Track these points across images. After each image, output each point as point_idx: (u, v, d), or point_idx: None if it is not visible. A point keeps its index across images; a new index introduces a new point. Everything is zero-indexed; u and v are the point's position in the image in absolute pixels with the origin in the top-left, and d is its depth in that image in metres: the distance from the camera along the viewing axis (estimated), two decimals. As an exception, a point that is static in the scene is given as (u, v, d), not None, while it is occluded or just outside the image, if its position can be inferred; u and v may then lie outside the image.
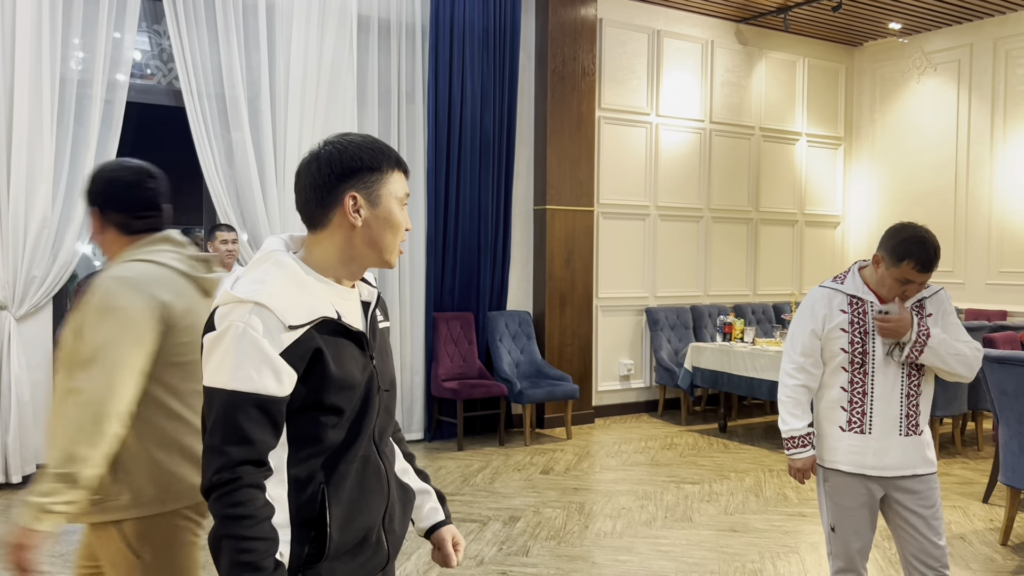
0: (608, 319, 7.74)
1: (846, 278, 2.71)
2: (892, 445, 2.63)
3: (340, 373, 1.45)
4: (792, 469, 2.76)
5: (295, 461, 1.44)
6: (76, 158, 5.32)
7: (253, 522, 1.34)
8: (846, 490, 2.69)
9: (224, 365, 1.37)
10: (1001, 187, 8.05)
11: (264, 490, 1.38)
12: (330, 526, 1.44)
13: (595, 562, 4.07)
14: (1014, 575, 3.93)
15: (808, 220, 9.09)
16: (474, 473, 5.70)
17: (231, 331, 1.38)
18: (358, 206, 1.49)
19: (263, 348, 1.37)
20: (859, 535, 2.71)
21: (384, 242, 1.52)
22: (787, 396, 2.75)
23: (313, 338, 1.42)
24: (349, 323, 1.49)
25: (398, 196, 1.53)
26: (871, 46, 9.14)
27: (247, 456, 1.37)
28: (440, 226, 6.64)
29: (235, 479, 1.36)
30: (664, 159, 8.01)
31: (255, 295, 1.39)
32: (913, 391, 2.65)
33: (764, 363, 6.51)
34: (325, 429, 1.45)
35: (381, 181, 1.50)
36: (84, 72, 5.36)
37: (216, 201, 5.76)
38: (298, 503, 1.43)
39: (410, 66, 6.58)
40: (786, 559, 4.12)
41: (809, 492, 5.32)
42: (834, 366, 2.68)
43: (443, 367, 6.60)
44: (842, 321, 2.65)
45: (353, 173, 1.48)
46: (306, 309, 1.42)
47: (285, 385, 1.39)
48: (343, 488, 1.47)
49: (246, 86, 5.82)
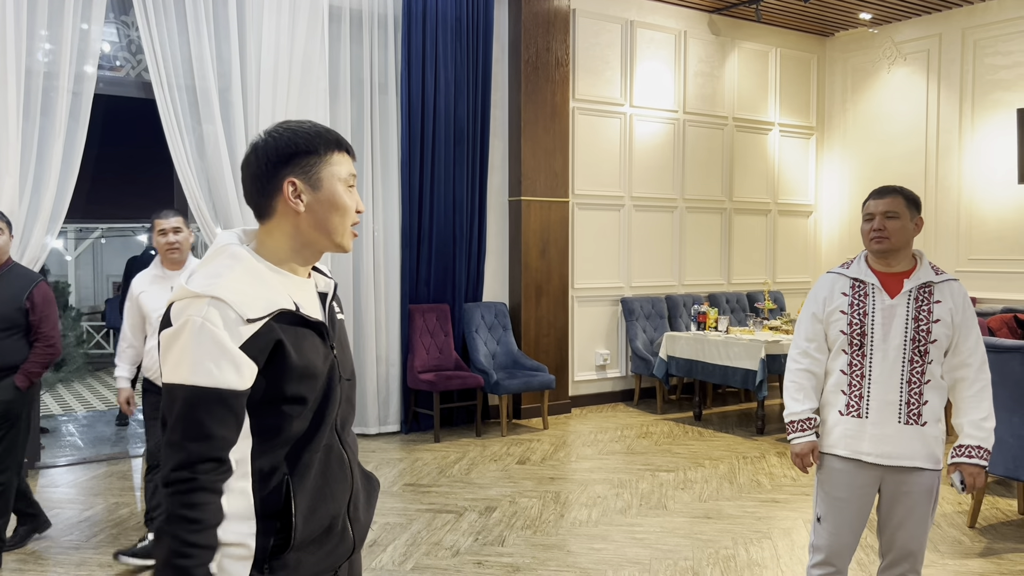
0: (584, 309, 7.76)
1: (852, 263, 2.74)
2: (890, 432, 2.58)
3: (302, 363, 1.45)
4: (792, 455, 2.72)
5: (259, 453, 1.44)
6: (43, 151, 5.25)
7: (199, 527, 1.35)
8: (839, 478, 2.66)
9: (183, 361, 1.37)
10: (969, 175, 8.16)
11: (219, 494, 1.38)
12: (295, 516, 1.44)
13: (570, 550, 4.10)
14: (981, 557, 4.01)
15: (781, 209, 9.17)
16: (451, 464, 5.71)
17: (189, 326, 1.37)
18: (298, 191, 1.49)
19: (222, 342, 1.36)
20: (845, 530, 2.67)
21: (331, 225, 1.51)
22: (790, 381, 2.75)
23: (273, 330, 1.42)
24: (307, 313, 1.49)
25: (341, 177, 1.51)
26: (842, 36, 9.21)
27: (207, 453, 1.37)
28: (415, 218, 6.62)
29: (192, 479, 1.36)
30: (638, 150, 8.04)
31: (212, 289, 1.39)
32: (915, 378, 2.58)
33: (738, 351, 6.57)
34: (289, 420, 1.45)
35: (320, 164, 1.50)
36: (51, 64, 5.28)
37: (188, 194, 5.71)
38: (263, 495, 1.44)
39: (383, 57, 6.55)
40: (759, 545, 4.17)
41: (782, 478, 5.39)
42: (836, 349, 2.68)
43: (419, 359, 6.60)
44: (842, 303, 2.66)
45: (290, 159, 1.48)
46: (264, 301, 1.42)
47: (246, 378, 1.39)
48: (307, 478, 1.48)
49: (217, 77, 5.76)
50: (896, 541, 2.66)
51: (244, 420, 1.42)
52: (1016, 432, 4.14)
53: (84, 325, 12.27)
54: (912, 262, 2.68)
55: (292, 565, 1.45)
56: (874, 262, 2.69)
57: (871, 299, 2.63)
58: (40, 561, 3.95)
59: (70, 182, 5.34)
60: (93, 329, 12.71)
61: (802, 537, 4.28)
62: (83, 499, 4.95)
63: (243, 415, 1.41)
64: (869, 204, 2.67)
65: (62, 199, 5.32)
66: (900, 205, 2.61)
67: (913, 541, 2.65)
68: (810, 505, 4.81)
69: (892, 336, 2.59)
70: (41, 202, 5.23)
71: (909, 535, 2.64)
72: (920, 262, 2.68)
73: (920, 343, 2.58)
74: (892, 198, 2.63)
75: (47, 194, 5.22)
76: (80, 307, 13.20)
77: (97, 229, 15.19)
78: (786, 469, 5.61)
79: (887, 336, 2.60)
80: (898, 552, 2.67)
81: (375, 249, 6.54)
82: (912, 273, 2.65)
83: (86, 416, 7.99)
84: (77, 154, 5.35)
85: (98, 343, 12.58)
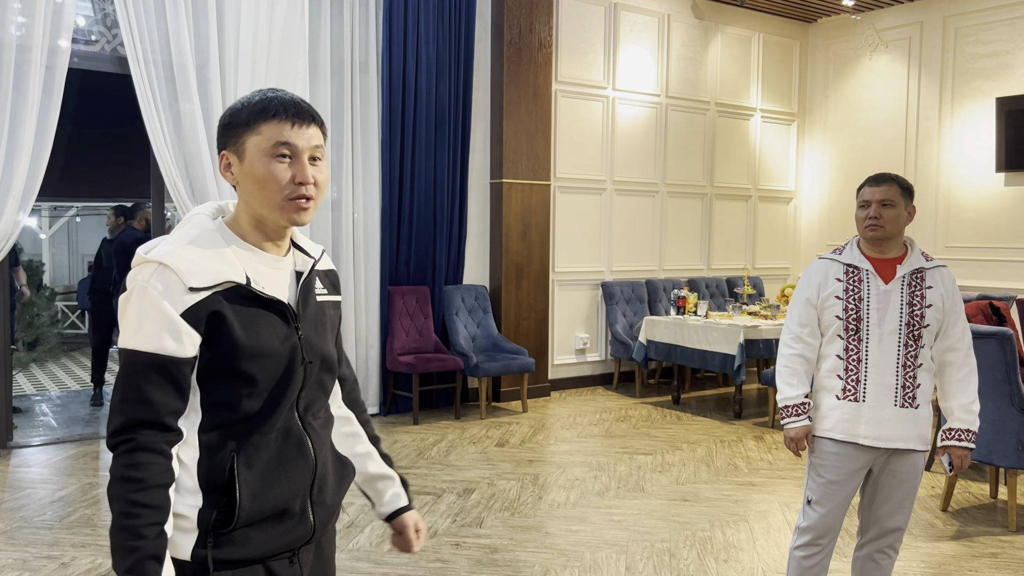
0: (564, 293, 7.76)
1: (844, 249, 2.74)
2: (886, 415, 2.62)
3: (251, 341, 1.43)
4: (786, 439, 2.74)
5: (207, 427, 1.43)
6: (15, 126, 5.14)
7: (142, 486, 1.34)
8: (833, 461, 2.68)
9: (128, 325, 1.39)
10: (948, 163, 8.21)
11: (165, 455, 1.38)
12: (239, 493, 1.42)
13: (548, 532, 4.11)
14: (954, 540, 4.06)
15: (762, 195, 9.19)
16: (429, 447, 5.70)
17: (136, 291, 1.39)
18: (228, 164, 1.48)
19: (163, 308, 1.37)
20: (836, 511, 2.70)
21: (260, 198, 1.46)
22: (784, 366, 2.75)
23: (216, 302, 1.40)
24: (261, 290, 1.46)
25: (261, 148, 1.44)
26: (825, 23, 9.22)
27: (144, 416, 1.37)
28: (395, 199, 6.57)
29: (130, 440, 1.36)
30: (620, 133, 8.02)
31: (162, 256, 1.40)
32: (910, 362, 2.62)
33: (717, 336, 6.60)
34: (239, 398, 1.44)
35: (245, 135, 1.45)
36: (23, 37, 5.17)
37: (165, 172, 5.62)
38: (208, 468, 1.43)
39: (364, 35, 6.47)
40: (735, 527, 4.20)
41: (759, 462, 5.43)
42: (830, 335, 2.69)
43: (398, 341, 6.57)
44: (837, 289, 2.67)
45: (223, 132, 1.48)
46: (211, 272, 1.41)
47: (186, 347, 1.39)
48: (256, 458, 1.45)
49: (194, 53, 5.67)
50: (881, 518, 2.73)
51: (189, 390, 1.42)
52: (990, 417, 4.18)
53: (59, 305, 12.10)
54: (903, 249, 2.72)
55: (239, 542, 1.43)
56: (867, 248, 2.71)
57: (866, 285, 2.66)
58: (12, 541, 3.90)
59: (43, 158, 5.24)
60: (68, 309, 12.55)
61: (777, 520, 4.31)
62: (56, 479, 4.89)
63: (186, 385, 1.41)
64: (865, 191, 2.68)
65: (35, 176, 5.23)
66: (896, 193, 2.64)
67: (897, 518, 2.71)
68: (786, 488, 4.85)
69: (888, 321, 2.63)
70: (13, 179, 5.13)
71: (894, 512, 2.71)
72: (911, 249, 2.72)
73: (914, 327, 2.62)
74: (888, 186, 2.64)
75: (19, 170, 5.12)
76: (55, 286, 13.01)
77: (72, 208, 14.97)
78: (763, 453, 5.65)
79: (883, 321, 2.63)
80: (880, 528, 2.74)
81: (355, 230, 6.48)
82: (904, 259, 2.69)
83: (60, 396, 7.90)
84: (50, 130, 5.25)
85: (73, 323, 12.43)
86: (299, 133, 1.45)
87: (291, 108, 1.45)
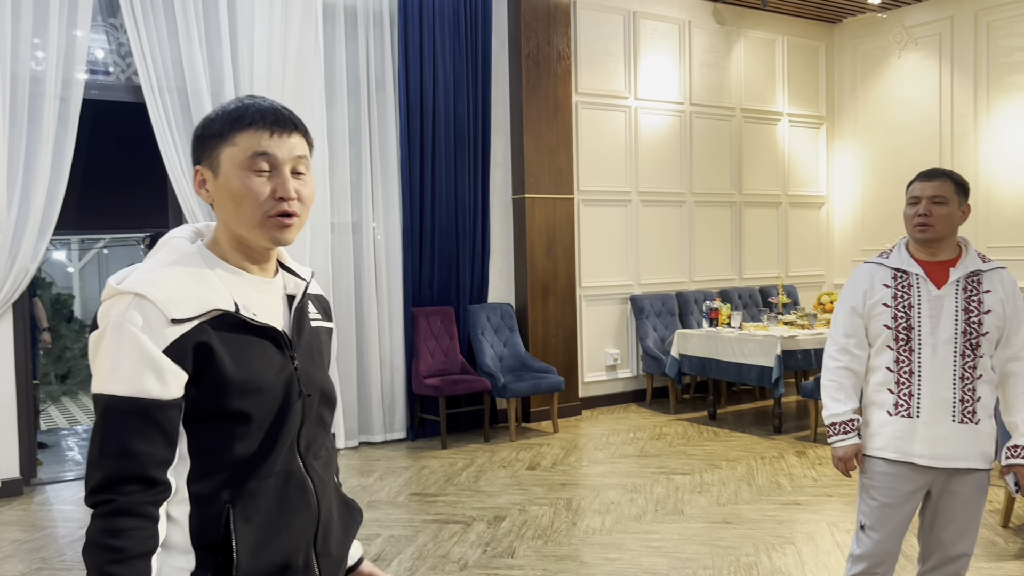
0: (592, 308, 7.57)
1: (891, 252, 2.54)
2: (944, 432, 2.39)
3: (242, 375, 1.26)
4: (834, 458, 2.53)
5: (197, 476, 1.26)
6: (31, 159, 5.10)
7: (120, 556, 1.17)
8: (887, 483, 2.46)
9: (102, 367, 1.21)
10: (986, 161, 7.93)
11: (151, 518, 1.21)
12: (236, 551, 1.25)
13: (584, 561, 3.91)
14: (1017, 559, 3.80)
15: (792, 201, 8.95)
16: (458, 472, 5.53)
17: (110, 327, 1.22)
18: (203, 180, 1.33)
19: (142, 345, 1.20)
20: (892, 537, 2.48)
21: (235, 217, 1.30)
22: (829, 380, 2.55)
23: (203, 333, 1.24)
24: (252, 317, 1.30)
25: (237, 160, 1.28)
26: (850, 22, 9.00)
27: (127, 471, 1.19)
28: (416, 218, 6.45)
29: (110, 500, 1.19)
30: (644, 143, 7.85)
31: (138, 285, 1.23)
32: (968, 373, 2.40)
33: (752, 348, 6.37)
34: (231, 440, 1.27)
35: (219, 147, 1.30)
36: (37, 70, 5.13)
37: (183, 200, 5.55)
38: (199, 524, 1.26)
39: (379, 54, 6.38)
40: (782, 551, 3.98)
41: (803, 479, 5.19)
42: (879, 345, 2.48)
43: (424, 363, 6.42)
44: (884, 296, 2.46)
45: (196, 145, 1.33)
46: (196, 300, 1.24)
47: (171, 387, 1.22)
48: (254, 508, 1.28)
49: (209, 79, 5.60)
50: (944, 544, 2.49)
51: (177, 436, 1.25)
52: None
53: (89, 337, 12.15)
54: (957, 250, 2.50)
55: None
56: (916, 250, 2.50)
57: (916, 290, 2.44)
58: (30, 584, 3.79)
59: (59, 190, 5.20)
60: (98, 341, 12.59)
61: (827, 542, 4.08)
62: (79, 517, 4.78)
63: (173, 430, 1.24)
64: (915, 187, 2.48)
65: (51, 208, 5.18)
66: (949, 190, 2.44)
67: (962, 543, 2.48)
68: (834, 506, 4.61)
69: (941, 329, 2.40)
70: (30, 211, 5.08)
71: (958, 537, 2.47)
72: (966, 249, 2.50)
73: (971, 336, 2.39)
74: (941, 182, 2.44)
75: (36, 203, 5.07)
76: (85, 319, 13.08)
77: (101, 240, 15.09)
78: (806, 469, 5.40)
79: (936, 329, 2.40)
80: (943, 555, 2.50)
81: (376, 251, 6.37)
82: (958, 261, 2.47)
83: (86, 429, 7.85)
84: (66, 162, 5.20)
85: (103, 355, 12.46)
86: (279, 143, 1.30)
87: (269, 115, 1.30)
